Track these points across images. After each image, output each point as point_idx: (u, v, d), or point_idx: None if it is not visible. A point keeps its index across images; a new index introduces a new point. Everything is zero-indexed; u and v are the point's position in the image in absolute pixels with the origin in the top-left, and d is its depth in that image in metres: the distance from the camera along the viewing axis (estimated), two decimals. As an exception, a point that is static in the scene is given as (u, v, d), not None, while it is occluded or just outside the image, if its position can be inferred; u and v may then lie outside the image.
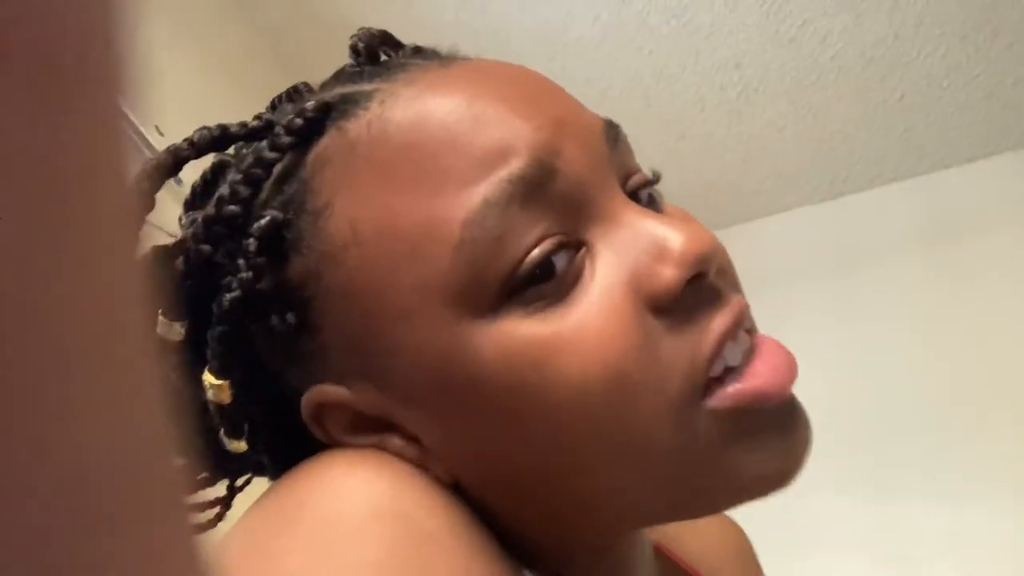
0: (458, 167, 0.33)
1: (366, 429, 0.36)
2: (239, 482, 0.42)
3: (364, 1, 1.60)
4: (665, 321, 0.33)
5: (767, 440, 0.34)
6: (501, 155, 0.33)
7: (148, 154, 1.19)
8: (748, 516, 0.46)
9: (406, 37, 0.42)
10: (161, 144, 1.18)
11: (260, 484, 0.38)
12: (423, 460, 0.35)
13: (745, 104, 1.74)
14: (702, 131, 1.81)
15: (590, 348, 0.32)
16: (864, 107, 1.71)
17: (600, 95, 1.75)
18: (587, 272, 0.34)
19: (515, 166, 0.33)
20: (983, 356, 1.60)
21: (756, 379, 0.33)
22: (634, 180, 0.38)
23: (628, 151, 0.39)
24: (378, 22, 0.43)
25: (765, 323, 0.40)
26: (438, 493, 0.33)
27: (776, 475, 0.34)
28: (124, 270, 0.12)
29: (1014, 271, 1.64)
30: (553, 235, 0.33)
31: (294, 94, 0.41)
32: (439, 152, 0.34)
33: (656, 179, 0.39)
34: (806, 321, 1.82)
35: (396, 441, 0.35)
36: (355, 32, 0.41)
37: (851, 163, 1.85)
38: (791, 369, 0.34)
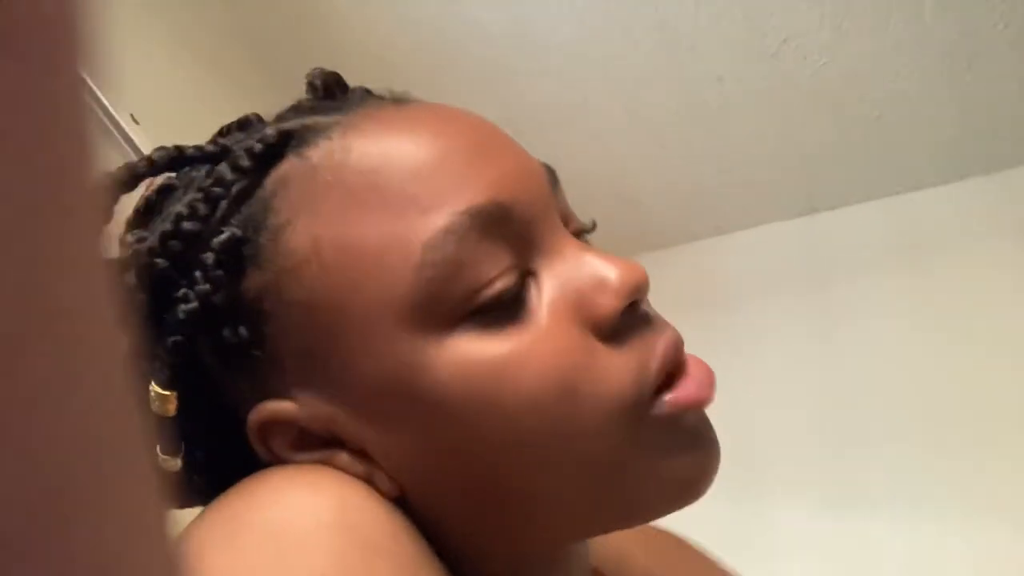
0: (420, 195, 0.36)
1: (311, 446, 0.37)
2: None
3: (345, 5, 1.59)
4: (606, 343, 0.37)
5: (692, 450, 0.38)
6: (462, 190, 0.36)
7: (123, 143, 1.17)
8: (717, 527, 0.47)
9: (387, 35, 0.42)
10: (136, 133, 1.16)
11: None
12: (369, 475, 0.36)
13: (725, 117, 1.75)
14: (681, 142, 1.82)
15: (545, 363, 0.35)
16: (841, 125, 1.73)
17: (581, 102, 1.76)
18: (535, 299, 0.37)
19: (475, 202, 0.36)
20: (953, 373, 1.62)
21: (689, 389, 0.37)
22: (572, 227, 0.42)
23: (563, 196, 0.43)
24: (360, 19, 0.43)
25: (737, 335, 0.42)
26: (383, 507, 0.34)
27: (694, 483, 0.38)
28: (93, 258, 0.12)
29: (984, 290, 1.66)
30: (512, 268, 0.36)
31: (245, 124, 0.43)
32: (402, 179, 0.36)
33: (592, 228, 0.43)
34: (778, 333, 1.84)
35: (343, 457, 0.37)
36: (309, 71, 0.44)
37: (827, 180, 1.87)
38: (713, 382, 0.38)
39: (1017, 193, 1.72)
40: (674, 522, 0.45)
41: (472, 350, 0.35)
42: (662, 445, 0.37)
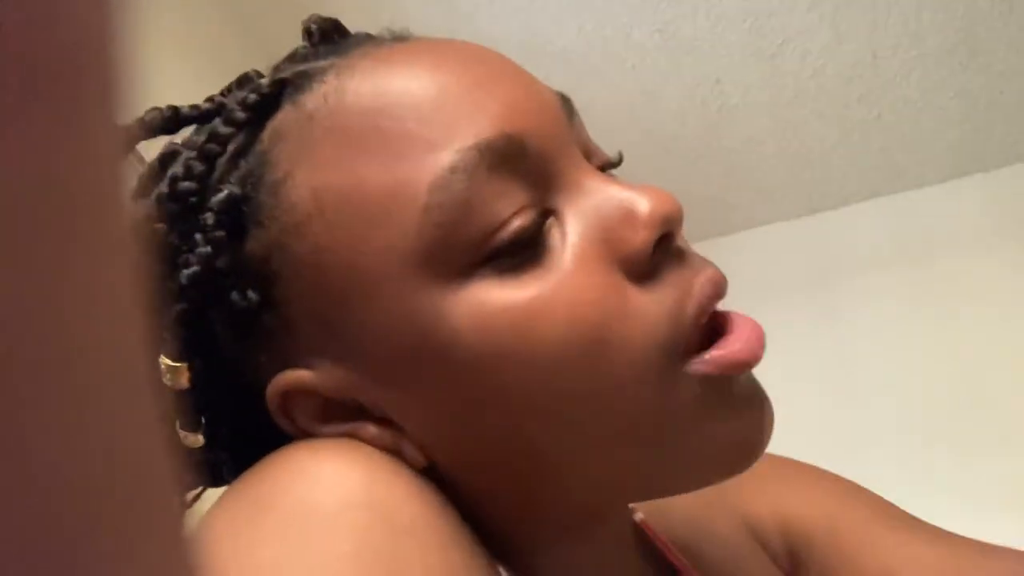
0: (422, 133, 0.33)
1: (336, 417, 0.35)
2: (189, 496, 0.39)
3: (348, 7, 1.60)
4: (639, 282, 0.33)
5: (740, 411, 0.35)
6: (467, 125, 0.33)
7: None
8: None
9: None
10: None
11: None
12: (397, 446, 0.34)
13: (725, 119, 1.76)
14: (683, 145, 1.83)
15: (570, 309, 0.32)
16: (842, 125, 1.73)
17: (583, 107, 1.76)
18: (557, 239, 0.34)
19: (482, 136, 0.33)
20: (957, 372, 1.62)
21: (735, 346, 0.34)
22: (595, 161, 0.38)
23: (583, 126, 0.39)
24: (361, 28, 0.43)
25: None
26: (413, 482, 0.32)
27: (747, 446, 0.35)
28: (126, 277, 0.12)
29: (986, 286, 1.66)
30: (529, 206, 0.33)
31: (244, 80, 0.40)
32: (402, 117, 0.33)
33: (618, 161, 0.40)
34: (782, 333, 1.83)
35: (369, 429, 0.34)
36: (305, 18, 0.41)
37: (828, 180, 1.87)
38: (762, 340, 0.35)
39: (1017, 189, 1.73)
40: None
41: (491, 298, 0.32)
42: (707, 405, 0.33)
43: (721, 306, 0.36)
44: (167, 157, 0.38)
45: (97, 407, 0.11)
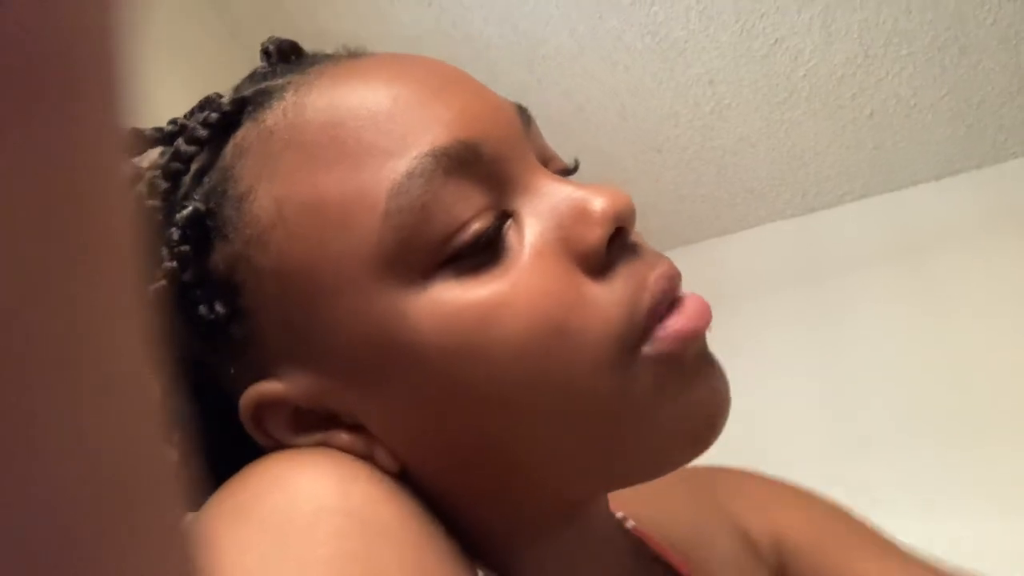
0: (379, 143, 0.34)
1: (309, 426, 0.36)
2: None
3: (341, 12, 1.60)
4: (595, 276, 0.35)
5: (691, 382, 0.36)
6: (422, 133, 0.34)
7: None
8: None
9: (383, 47, 0.43)
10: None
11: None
12: (369, 451, 0.35)
13: (718, 119, 1.76)
14: (676, 145, 1.83)
15: (530, 302, 0.33)
16: (834, 124, 1.74)
17: (576, 109, 1.77)
18: (515, 240, 0.35)
19: (437, 143, 0.34)
20: (952, 370, 1.63)
21: (677, 323, 0.35)
22: (553, 167, 0.39)
23: (540, 135, 0.41)
24: (355, 32, 0.44)
25: (736, 336, 0.41)
26: (387, 486, 0.33)
27: (706, 416, 0.36)
28: (128, 277, 0.12)
29: (980, 283, 1.67)
30: (487, 209, 0.34)
31: (206, 103, 0.41)
32: (359, 128, 0.35)
33: (575, 168, 0.41)
34: (778, 333, 1.84)
35: (341, 436, 0.35)
36: (265, 40, 0.43)
37: (821, 179, 1.87)
38: (706, 311, 0.36)
39: (1009, 186, 1.73)
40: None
41: (452, 297, 0.33)
42: (661, 385, 0.35)
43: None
44: (129, 180, 0.39)
45: (99, 408, 0.11)
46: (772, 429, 1.76)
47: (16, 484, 0.10)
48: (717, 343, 0.38)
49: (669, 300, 0.36)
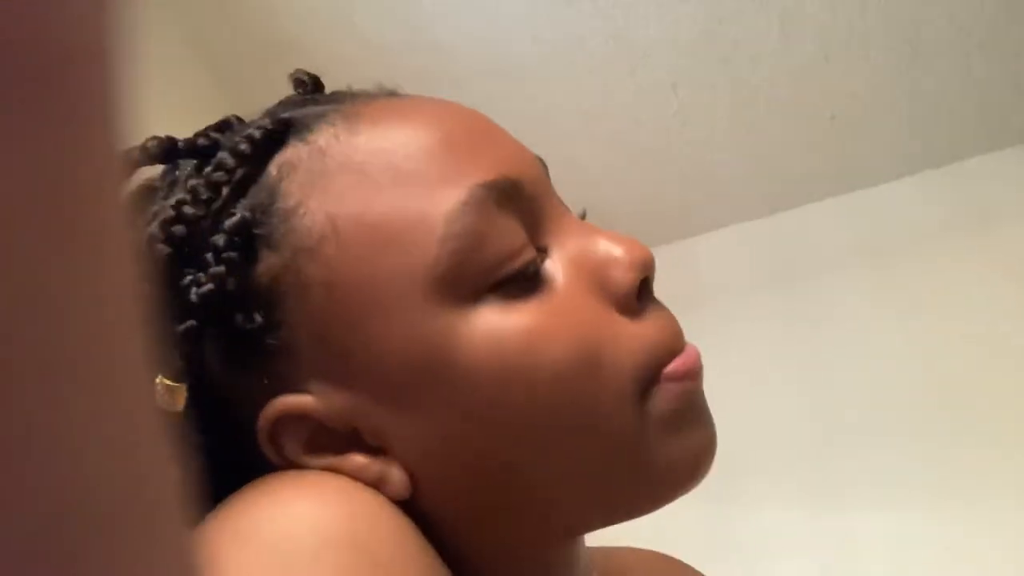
0: (433, 171, 0.36)
1: (325, 447, 0.36)
2: None
3: (309, 21, 1.59)
4: (628, 316, 0.38)
5: (696, 426, 0.39)
6: (472, 167, 0.37)
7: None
8: (698, 527, 0.47)
9: (351, 56, 0.43)
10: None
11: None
12: (382, 476, 0.35)
13: (681, 123, 1.78)
14: (639, 149, 1.84)
15: (572, 330, 0.36)
16: (796, 126, 1.76)
17: (540, 113, 1.77)
18: (551, 273, 0.38)
19: (488, 177, 0.37)
20: (923, 367, 1.65)
21: (680, 361, 0.38)
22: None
23: (553, 186, 0.44)
24: (322, 41, 0.44)
25: (705, 338, 0.42)
26: (393, 518, 0.33)
27: (698, 460, 0.39)
28: (122, 276, 0.12)
29: (945, 280, 1.70)
30: (529, 242, 0.37)
31: (224, 125, 0.42)
32: (413, 157, 0.37)
33: (583, 217, 0.44)
34: (748, 333, 1.86)
35: (356, 459, 0.35)
36: (293, 71, 0.44)
37: (785, 181, 1.90)
38: (699, 358, 0.40)
39: (967, 184, 1.77)
40: (657, 520, 0.45)
41: (500, 322, 0.35)
42: (669, 422, 0.37)
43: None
44: (145, 192, 0.40)
45: (99, 409, 0.11)
46: (744, 429, 1.77)
47: (12, 489, 0.10)
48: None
49: (681, 347, 0.39)
